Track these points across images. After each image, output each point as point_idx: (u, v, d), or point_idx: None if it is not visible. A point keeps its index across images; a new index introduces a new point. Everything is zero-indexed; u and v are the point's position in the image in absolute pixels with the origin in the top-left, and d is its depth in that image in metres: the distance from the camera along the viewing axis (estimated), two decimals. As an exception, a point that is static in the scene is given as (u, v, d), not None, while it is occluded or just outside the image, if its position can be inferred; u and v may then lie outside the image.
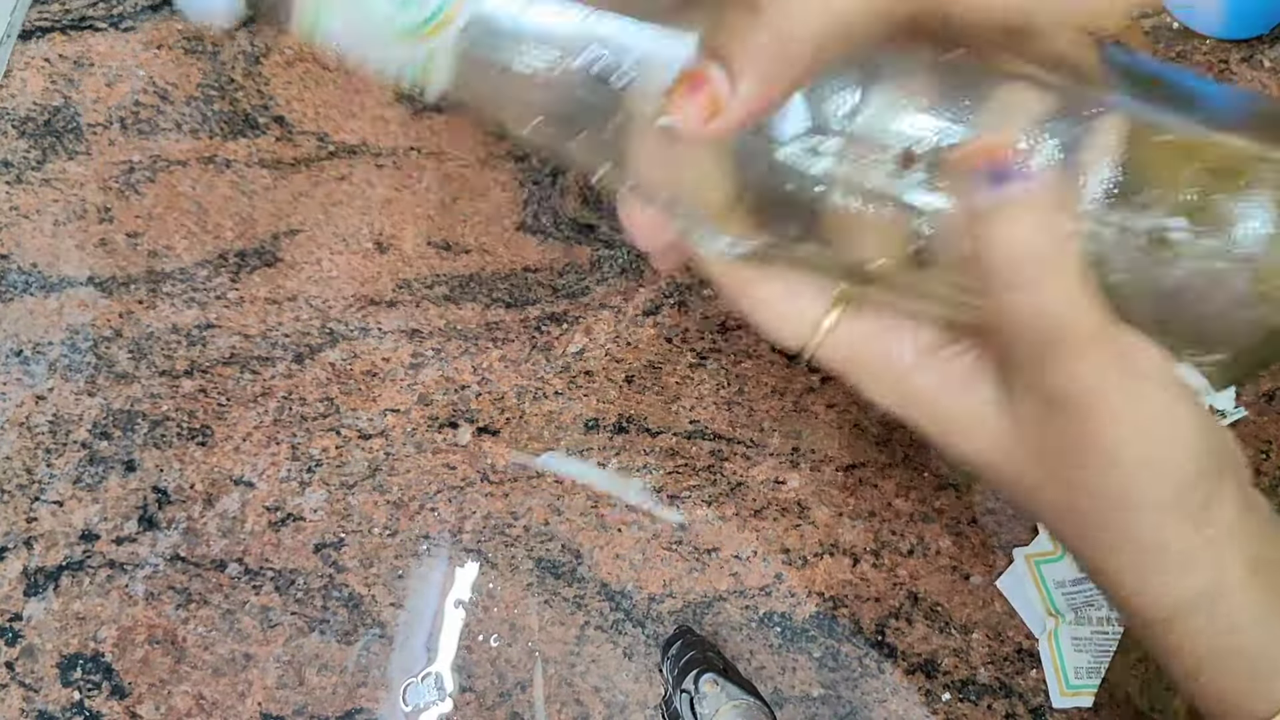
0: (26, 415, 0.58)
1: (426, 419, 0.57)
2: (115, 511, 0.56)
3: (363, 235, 0.60)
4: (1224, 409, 0.52)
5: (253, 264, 0.60)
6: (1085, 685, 0.50)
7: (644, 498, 0.24)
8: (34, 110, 0.63)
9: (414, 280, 0.59)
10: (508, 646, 0.53)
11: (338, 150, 0.62)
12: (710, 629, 0.53)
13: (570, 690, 0.52)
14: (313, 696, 0.53)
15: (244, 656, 0.54)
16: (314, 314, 0.59)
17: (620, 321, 0.58)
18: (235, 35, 0.64)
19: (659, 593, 0.54)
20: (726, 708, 0.44)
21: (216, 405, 0.58)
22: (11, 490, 0.57)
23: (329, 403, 0.57)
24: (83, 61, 0.64)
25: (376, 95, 0.63)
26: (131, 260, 0.60)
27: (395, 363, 0.58)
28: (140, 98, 0.63)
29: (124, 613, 0.54)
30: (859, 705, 0.51)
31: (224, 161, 0.62)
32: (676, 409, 0.56)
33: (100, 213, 0.61)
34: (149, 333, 0.59)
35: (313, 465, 0.56)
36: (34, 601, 0.55)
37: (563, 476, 0.39)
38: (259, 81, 0.63)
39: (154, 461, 0.57)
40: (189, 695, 0.53)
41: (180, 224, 0.61)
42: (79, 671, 0.53)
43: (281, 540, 0.55)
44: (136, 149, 0.62)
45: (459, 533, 0.55)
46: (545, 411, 0.57)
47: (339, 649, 0.54)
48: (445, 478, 0.56)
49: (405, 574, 0.55)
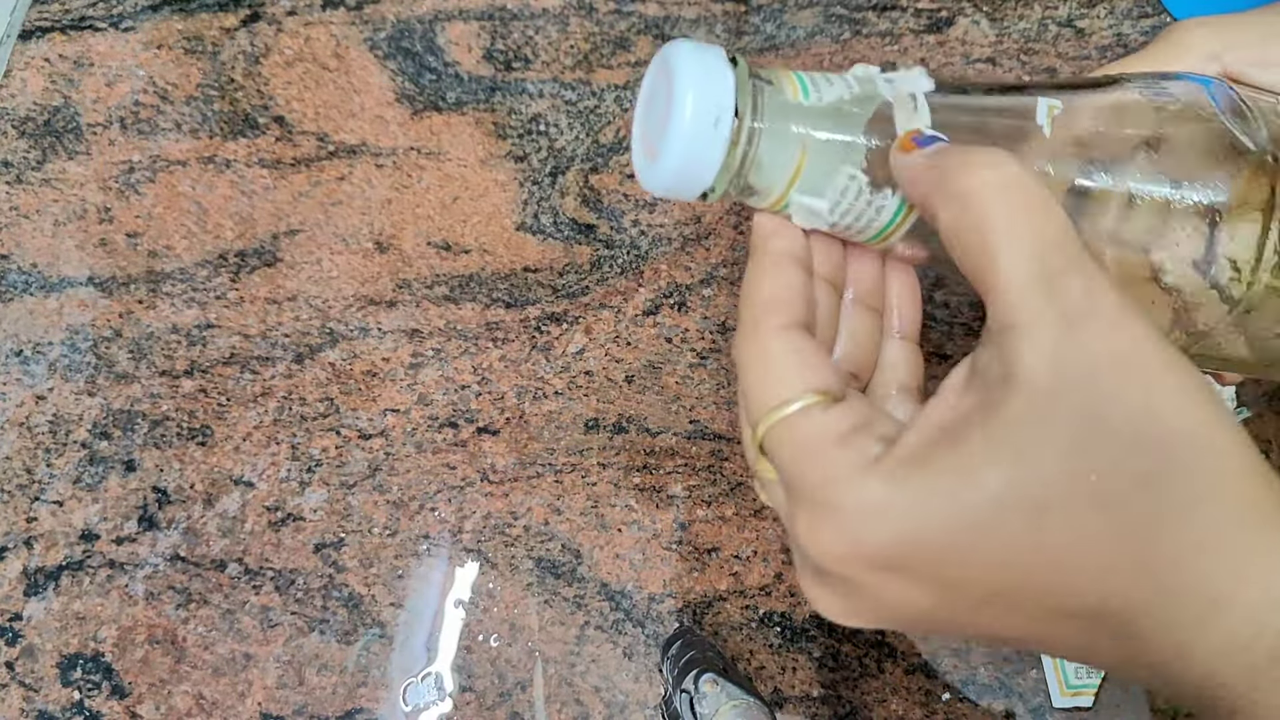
0: (26, 415, 0.58)
1: (426, 419, 0.57)
2: (115, 511, 0.56)
3: (363, 235, 0.60)
4: (1224, 409, 0.52)
5: (253, 264, 0.60)
6: (1085, 685, 0.50)
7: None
8: (34, 110, 0.63)
9: (414, 280, 0.59)
10: (508, 646, 0.53)
11: (338, 150, 0.62)
12: (710, 629, 0.53)
13: (570, 690, 0.52)
14: (313, 696, 0.53)
15: (244, 656, 0.54)
16: (314, 314, 0.59)
17: (620, 321, 0.58)
18: (235, 34, 0.64)
19: (659, 593, 0.54)
20: (726, 708, 0.44)
21: (216, 405, 0.58)
22: (11, 490, 0.57)
23: (329, 403, 0.57)
24: (83, 61, 0.64)
25: (376, 95, 0.63)
26: (131, 260, 0.60)
27: (395, 363, 0.58)
28: (140, 98, 0.63)
29: (124, 613, 0.54)
30: (859, 705, 0.51)
31: (224, 161, 0.62)
32: (676, 409, 0.56)
33: (100, 213, 0.61)
34: (149, 333, 0.59)
35: (313, 465, 0.56)
36: (34, 601, 0.55)
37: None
38: (259, 81, 0.63)
39: (154, 461, 0.57)
40: (189, 695, 0.53)
41: (180, 224, 0.61)
42: (79, 671, 0.53)
43: (281, 540, 0.55)
44: (136, 149, 0.62)
45: (459, 533, 0.55)
46: (545, 411, 0.57)
47: (339, 649, 0.54)
48: (445, 478, 0.56)
49: (405, 574, 0.55)
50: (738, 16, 0.63)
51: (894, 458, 0.17)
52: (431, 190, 0.61)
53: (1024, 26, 0.62)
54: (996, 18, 0.62)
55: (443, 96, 0.63)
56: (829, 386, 0.19)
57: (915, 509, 0.17)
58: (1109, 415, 0.16)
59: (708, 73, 0.20)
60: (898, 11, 0.62)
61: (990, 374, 0.18)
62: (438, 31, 0.64)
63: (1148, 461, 0.16)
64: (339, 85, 0.63)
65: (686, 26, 0.63)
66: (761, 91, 0.20)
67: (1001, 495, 0.16)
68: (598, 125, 0.61)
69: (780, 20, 0.63)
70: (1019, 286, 0.17)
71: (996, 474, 0.16)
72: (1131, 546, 0.16)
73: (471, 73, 0.63)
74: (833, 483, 0.18)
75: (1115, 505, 0.16)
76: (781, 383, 0.19)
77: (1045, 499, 0.16)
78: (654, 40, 0.63)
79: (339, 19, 0.64)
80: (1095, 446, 0.16)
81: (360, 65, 0.63)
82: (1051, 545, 0.16)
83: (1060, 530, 0.16)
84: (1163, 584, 0.16)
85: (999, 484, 0.16)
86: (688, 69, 0.20)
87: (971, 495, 0.16)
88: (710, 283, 0.58)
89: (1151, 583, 0.16)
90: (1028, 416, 0.17)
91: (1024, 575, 0.17)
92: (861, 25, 0.62)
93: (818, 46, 0.62)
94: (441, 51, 0.64)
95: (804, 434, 0.19)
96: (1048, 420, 0.16)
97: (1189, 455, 0.16)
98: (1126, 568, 0.16)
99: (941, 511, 0.17)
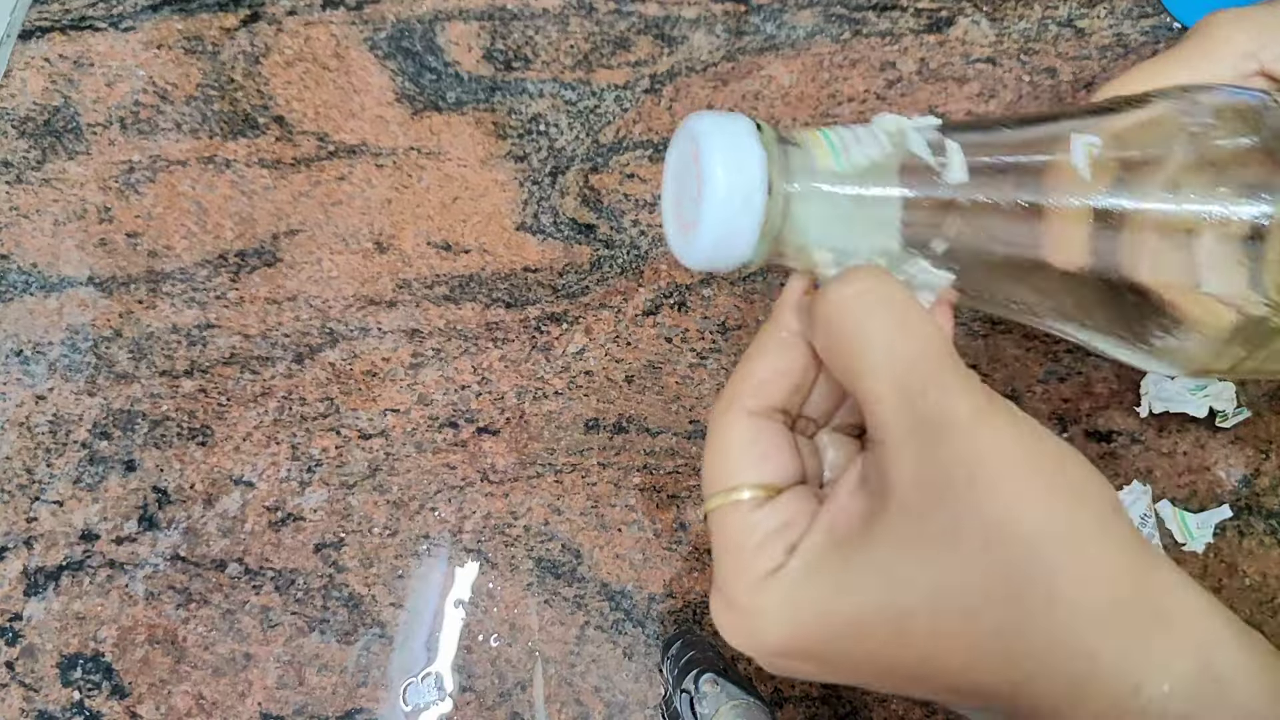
0: (26, 415, 0.58)
1: (426, 419, 0.57)
2: (115, 511, 0.56)
3: (363, 235, 0.60)
4: (1225, 409, 0.52)
5: (253, 264, 0.60)
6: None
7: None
8: (34, 110, 0.63)
9: (414, 280, 0.59)
10: (508, 646, 0.53)
11: (338, 150, 0.62)
12: (710, 629, 0.53)
13: (570, 690, 0.52)
14: (313, 696, 0.53)
15: (244, 656, 0.54)
16: (314, 314, 0.59)
17: (620, 321, 0.58)
18: (235, 34, 0.64)
19: (659, 593, 0.54)
20: (726, 708, 0.44)
21: (216, 405, 0.58)
22: (11, 490, 0.57)
23: (329, 403, 0.57)
24: (83, 61, 0.64)
25: (376, 95, 0.63)
26: (131, 260, 0.60)
27: (395, 363, 0.58)
28: (140, 98, 0.63)
29: (124, 613, 0.54)
30: (859, 705, 0.51)
31: (224, 161, 0.62)
32: (676, 409, 0.56)
33: (100, 213, 0.61)
34: (149, 333, 0.59)
35: (313, 465, 0.56)
36: (34, 601, 0.55)
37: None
38: (259, 81, 0.63)
39: (154, 461, 0.57)
40: (189, 695, 0.53)
41: (180, 224, 0.61)
42: (79, 671, 0.53)
43: (281, 540, 0.55)
44: (136, 149, 0.62)
45: (459, 533, 0.55)
46: (545, 411, 0.57)
47: (339, 649, 0.54)
48: (445, 478, 0.56)
49: (405, 574, 0.55)
50: (738, 16, 0.63)
51: (789, 569, 0.20)
52: (431, 190, 0.61)
53: (1024, 26, 0.62)
54: (996, 18, 0.62)
55: (443, 96, 0.63)
56: (773, 479, 0.21)
57: (799, 615, 0.19)
58: (968, 529, 0.17)
59: (737, 148, 0.20)
60: (898, 11, 0.62)
61: (871, 484, 0.19)
62: (438, 31, 0.64)
63: (1005, 569, 0.17)
64: (339, 85, 0.63)
65: (686, 26, 0.63)
66: (789, 156, 0.20)
67: (873, 604, 0.18)
68: (598, 125, 0.61)
69: (780, 20, 0.63)
70: (882, 406, 0.19)
71: (868, 585, 0.18)
72: (994, 645, 0.18)
73: (471, 73, 0.63)
74: (739, 584, 0.20)
75: (975, 612, 0.18)
76: (731, 469, 0.21)
77: (909, 607, 0.18)
78: (654, 40, 0.63)
79: (339, 19, 0.64)
80: (956, 560, 0.18)
81: (360, 65, 0.63)
82: (916, 646, 0.18)
83: (924, 635, 0.18)
84: (1028, 671, 0.17)
85: (870, 594, 0.18)
86: (715, 145, 0.20)
87: (845, 605, 0.18)
88: (710, 283, 0.58)
89: (1017, 671, 0.18)
90: (897, 533, 0.18)
91: (894, 664, 0.19)
92: (861, 25, 0.62)
93: (818, 46, 0.62)
94: (441, 51, 0.64)
95: (733, 529, 0.21)
96: (913, 538, 0.18)
97: (1048, 556, 0.17)
98: (991, 663, 0.18)
99: (821, 618, 0.19)
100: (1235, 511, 0.52)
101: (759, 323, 0.58)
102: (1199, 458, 0.53)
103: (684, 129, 0.21)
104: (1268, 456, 0.53)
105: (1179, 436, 0.54)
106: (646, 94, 0.62)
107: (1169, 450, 0.53)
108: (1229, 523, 0.52)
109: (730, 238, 0.20)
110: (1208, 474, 0.53)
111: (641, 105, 0.61)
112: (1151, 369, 0.25)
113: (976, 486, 0.17)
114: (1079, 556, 0.17)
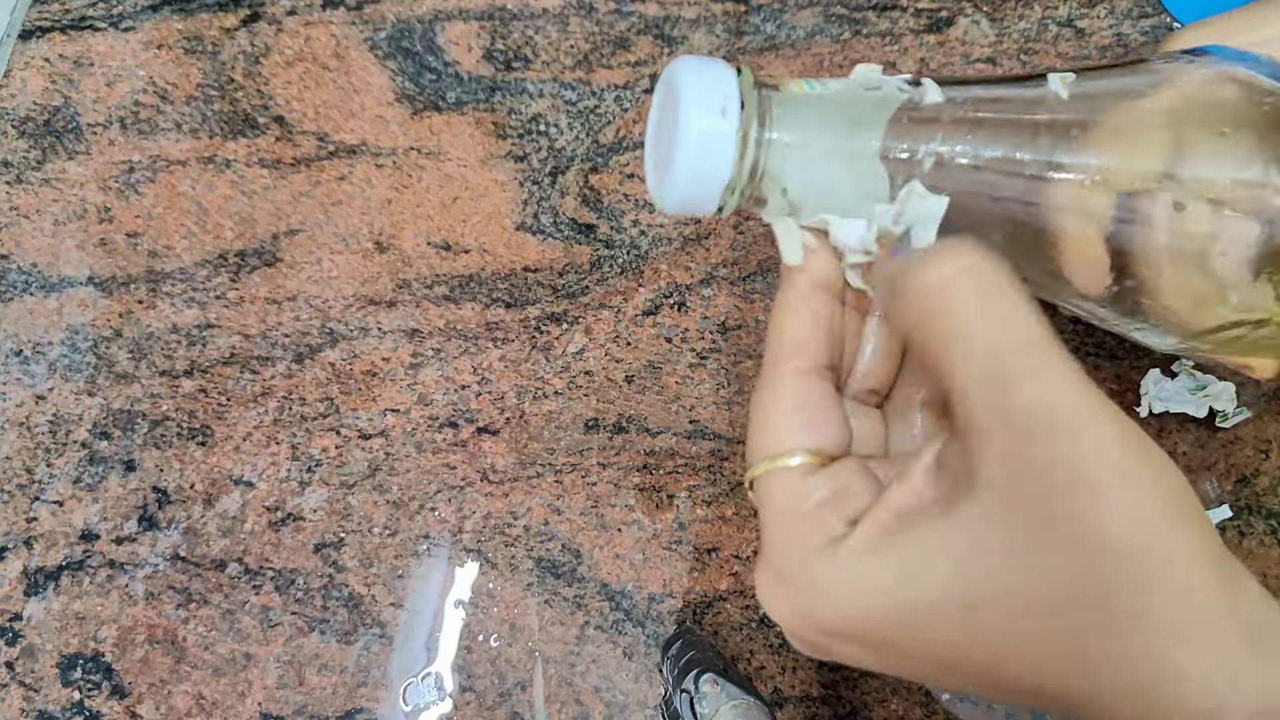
0: (26, 415, 0.58)
1: (426, 419, 0.57)
2: (115, 511, 0.56)
3: (363, 235, 0.60)
4: (1225, 410, 0.52)
5: (253, 264, 0.60)
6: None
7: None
8: (34, 110, 0.63)
9: (414, 280, 0.59)
10: (508, 646, 0.53)
11: (338, 150, 0.62)
12: (710, 629, 0.53)
13: (570, 690, 0.52)
14: (313, 696, 0.53)
15: (244, 656, 0.54)
16: (314, 314, 0.59)
17: (620, 321, 0.58)
18: (235, 34, 0.64)
19: (659, 593, 0.54)
20: (726, 708, 0.44)
21: (216, 405, 0.58)
22: (11, 490, 0.57)
23: (329, 403, 0.57)
24: (83, 61, 0.64)
25: (376, 95, 0.63)
26: (131, 260, 0.60)
27: (395, 363, 0.58)
28: (140, 98, 0.63)
29: (124, 613, 0.54)
30: (859, 705, 0.51)
31: (224, 161, 0.62)
32: (676, 409, 0.56)
33: (100, 213, 0.61)
34: (149, 333, 0.59)
35: (313, 465, 0.56)
36: (34, 601, 0.55)
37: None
38: (259, 81, 0.63)
39: (154, 461, 0.57)
40: (189, 695, 0.53)
41: (180, 224, 0.61)
42: (79, 671, 0.53)
43: (281, 540, 0.55)
44: (136, 149, 0.62)
45: (459, 533, 0.55)
46: (545, 411, 0.57)
47: (339, 649, 0.54)
48: (445, 478, 0.56)
49: (405, 574, 0.55)
50: (738, 16, 0.63)
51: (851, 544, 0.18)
52: (431, 190, 0.61)
53: (1024, 26, 0.62)
54: (996, 18, 0.62)
55: (443, 96, 0.63)
56: (823, 446, 0.20)
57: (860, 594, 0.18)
58: (1063, 532, 0.17)
59: (710, 74, 0.20)
60: (898, 11, 0.62)
61: (953, 470, 0.18)
62: (438, 31, 0.64)
63: (1096, 577, 0.17)
64: (339, 85, 0.63)
65: (686, 26, 0.63)
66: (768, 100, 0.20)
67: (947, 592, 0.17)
68: (598, 125, 0.61)
69: (780, 20, 0.63)
70: (973, 395, 0.17)
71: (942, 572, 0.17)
72: (1067, 648, 0.17)
73: (471, 73, 0.63)
74: (793, 556, 0.19)
75: (1052, 613, 0.17)
76: (780, 434, 0.20)
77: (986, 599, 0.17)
78: (654, 40, 0.63)
79: (339, 19, 0.64)
80: (1043, 561, 0.17)
81: (360, 65, 0.63)
82: (987, 640, 0.17)
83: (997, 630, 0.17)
84: (1100, 685, 0.17)
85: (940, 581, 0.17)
86: (691, 86, 0.20)
87: (916, 589, 0.17)
88: (710, 283, 0.58)
89: (1089, 682, 0.17)
90: (978, 525, 0.17)
91: (959, 657, 0.18)
92: (861, 25, 0.62)
93: (818, 46, 0.62)
94: (441, 51, 0.64)
95: (782, 495, 0.20)
96: (998, 533, 0.17)
97: (1137, 571, 0.17)
98: (1062, 666, 0.17)
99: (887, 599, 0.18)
100: (1235, 511, 0.52)
101: (759, 323, 0.58)
102: (1199, 458, 0.53)
103: (665, 73, 0.21)
104: (1268, 456, 0.53)
105: (1179, 436, 0.54)
106: (646, 94, 0.62)
107: (1169, 450, 0.53)
108: (1229, 523, 0.52)
109: (704, 178, 0.20)
110: (1208, 474, 0.53)
111: (641, 105, 0.61)
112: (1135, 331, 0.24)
113: (1077, 492, 0.17)
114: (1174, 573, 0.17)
